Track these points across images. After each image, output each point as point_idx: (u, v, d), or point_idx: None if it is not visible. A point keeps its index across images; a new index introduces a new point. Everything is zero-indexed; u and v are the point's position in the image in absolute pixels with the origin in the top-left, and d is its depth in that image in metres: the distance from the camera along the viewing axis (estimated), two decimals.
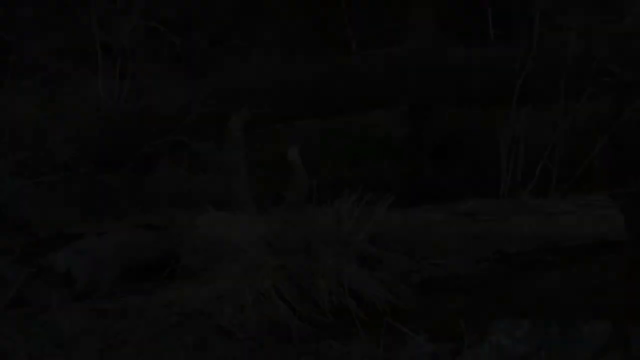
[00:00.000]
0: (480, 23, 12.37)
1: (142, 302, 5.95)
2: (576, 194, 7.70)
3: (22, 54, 11.37)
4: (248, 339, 5.32)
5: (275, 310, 5.77)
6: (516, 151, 8.78)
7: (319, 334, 5.68)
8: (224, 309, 5.74)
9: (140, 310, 5.85)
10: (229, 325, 5.52)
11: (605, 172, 9.36)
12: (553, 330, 6.15)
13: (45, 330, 5.57)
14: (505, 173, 8.46)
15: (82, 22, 11.90)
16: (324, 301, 5.93)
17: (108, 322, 5.69)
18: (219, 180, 8.90)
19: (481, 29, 10.94)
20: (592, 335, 5.93)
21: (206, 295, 5.90)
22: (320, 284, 6.00)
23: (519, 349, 5.86)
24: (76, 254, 6.36)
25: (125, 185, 8.95)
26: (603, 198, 7.62)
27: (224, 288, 5.97)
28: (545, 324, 6.23)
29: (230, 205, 7.13)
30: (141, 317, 5.74)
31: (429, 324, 5.92)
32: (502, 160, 8.71)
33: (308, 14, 18.01)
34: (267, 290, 5.89)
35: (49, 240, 6.68)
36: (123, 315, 5.80)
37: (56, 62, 11.77)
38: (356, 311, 5.94)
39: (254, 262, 6.24)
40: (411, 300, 6.34)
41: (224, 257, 6.34)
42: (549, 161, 8.33)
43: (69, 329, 5.52)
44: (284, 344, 5.46)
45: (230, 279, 6.08)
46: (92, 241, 6.62)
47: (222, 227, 6.66)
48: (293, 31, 17.03)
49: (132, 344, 5.27)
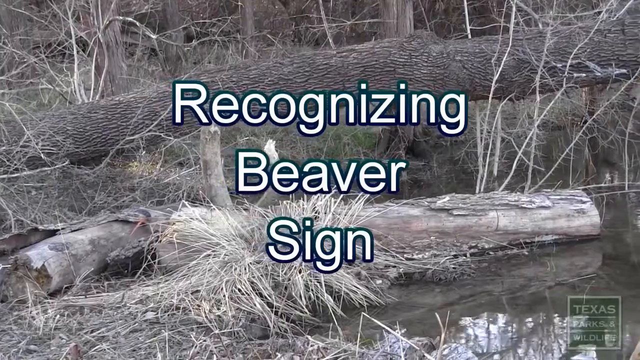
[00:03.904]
0: (457, 18, 12.39)
1: (118, 298, 5.93)
2: (552, 189, 7.74)
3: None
4: (225, 334, 5.31)
5: (252, 306, 5.77)
6: (492, 146, 8.83)
7: (296, 329, 5.68)
8: (201, 304, 5.73)
9: (116, 306, 5.84)
10: (206, 320, 5.51)
11: (580, 167, 9.43)
12: (528, 324, 6.20)
13: (20, 327, 5.54)
14: (481, 168, 8.50)
15: (58, 17, 11.86)
16: (300, 296, 5.93)
17: (84, 318, 5.67)
18: (195, 176, 8.89)
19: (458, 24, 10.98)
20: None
21: (183, 291, 5.89)
22: (297, 279, 6.01)
23: (495, 343, 5.90)
24: (51, 249, 6.32)
25: (100, 180, 8.92)
26: (578, 193, 7.67)
27: (201, 283, 5.96)
28: (520, 318, 6.29)
29: (207, 201, 7.11)
30: (117, 313, 5.73)
31: (405, 319, 5.95)
32: (479, 155, 8.76)
33: (285, 8, 17.98)
34: (244, 286, 5.88)
35: (24, 236, 6.63)
36: (99, 311, 5.78)
37: (32, 57, 11.71)
38: (333, 306, 5.95)
39: (231, 257, 6.24)
40: (388, 295, 6.35)
41: (200, 253, 6.33)
42: (525, 156, 8.37)
43: (45, 325, 5.50)
44: (261, 338, 5.47)
45: (207, 274, 6.07)
46: (68, 237, 6.58)
47: (199, 222, 6.64)
48: (269, 26, 17.02)
49: (109, 340, 5.25)
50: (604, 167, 10.71)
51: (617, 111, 10.08)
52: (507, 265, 7.05)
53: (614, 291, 6.41)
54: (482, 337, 5.99)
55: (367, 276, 6.50)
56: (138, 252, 6.73)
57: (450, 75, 9.03)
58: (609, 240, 7.58)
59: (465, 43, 9.39)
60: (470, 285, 6.67)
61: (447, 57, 9.06)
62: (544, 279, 6.77)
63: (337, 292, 6.10)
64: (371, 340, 5.16)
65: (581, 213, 7.44)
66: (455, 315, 6.04)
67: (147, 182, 8.99)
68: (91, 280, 6.51)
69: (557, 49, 8.77)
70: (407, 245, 7.09)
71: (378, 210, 7.20)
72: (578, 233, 7.43)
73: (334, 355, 4.80)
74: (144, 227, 7.01)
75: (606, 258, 7.33)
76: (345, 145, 11.31)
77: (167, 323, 5.52)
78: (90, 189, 8.80)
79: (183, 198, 7.89)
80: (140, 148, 9.19)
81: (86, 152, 9.32)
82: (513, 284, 6.72)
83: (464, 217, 7.26)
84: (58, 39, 11.92)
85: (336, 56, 9.37)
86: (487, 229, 7.27)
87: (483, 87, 8.96)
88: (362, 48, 9.46)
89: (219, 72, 9.53)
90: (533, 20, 9.77)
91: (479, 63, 9.01)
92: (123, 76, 10.88)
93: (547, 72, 8.53)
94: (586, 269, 6.96)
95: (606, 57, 8.73)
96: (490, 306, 6.41)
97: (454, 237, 7.23)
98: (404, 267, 6.79)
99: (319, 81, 9.28)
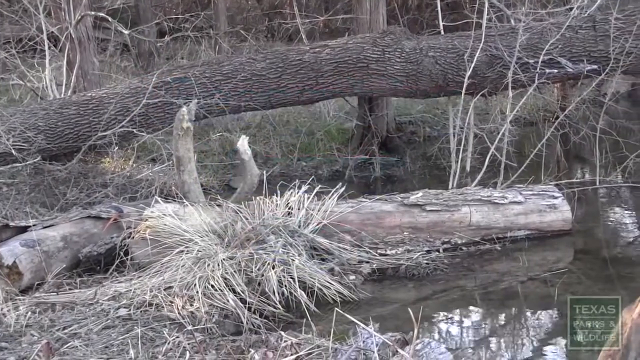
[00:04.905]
0: (430, 14, 12.39)
1: (90, 295, 5.89)
2: (524, 184, 7.78)
3: None
4: (198, 331, 5.29)
5: (226, 302, 5.75)
6: (465, 142, 8.86)
7: (269, 325, 5.68)
8: (174, 300, 5.72)
9: (88, 303, 5.80)
10: (179, 316, 5.50)
11: (552, 163, 9.49)
12: (501, 318, 6.23)
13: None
14: (454, 164, 8.53)
15: (30, 12, 11.77)
16: (274, 292, 5.93)
17: (56, 315, 5.64)
18: (168, 172, 8.85)
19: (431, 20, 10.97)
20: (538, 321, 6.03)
21: (156, 287, 5.87)
22: (270, 275, 6.00)
23: (468, 338, 5.92)
24: (23, 246, 6.28)
25: (73, 176, 8.87)
26: (550, 188, 7.72)
27: (174, 280, 5.95)
28: (493, 312, 6.32)
29: (180, 197, 7.09)
30: (90, 309, 5.69)
31: (378, 314, 5.96)
32: (452, 151, 8.78)
33: (258, 4, 17.93)
34: (217, 282, 5.87)
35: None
36: (71, 308, 5.75)
37: (3, 52, 11.62)
38: (306, 302, 5.95)
39: (204, 253, 6.22)
40: (361, 290, 6.36)
41: (173, 249, 6.31)
42: (497, 152, 8.41)
43: (16, 322, 5.46)
44: (234, 334, 5.46)
45: (180, 270, 6.05)
46: (39, 233, 6.54)
47: (172, 218, 6.62)
48: (243, 22, 16.97)
49: (81, 337, 5.22)
50: (576, 163, 10.78)
51: (589, 107, 10.14)
52: (479, 260, 7.08)
53: (585, 286, 6.47)
54: (455, 332, 6.01)
55: (341, 272, 6.51)
56: (110, 248, 6.70)
57: (423, 71, 9.04)
58: (581, 235, 7.63)
59: (438, 39, 9.40)
60: (443, 280, 6.70)
61: (420, 53, 9.07)
62: (517, 274, 6.81)
63: (310, 288, 6.11)
64: (344, 335, 5.16)
65: (553, 208, 7.49)
66: (428, 310, 6.06)
67: (119, 178, 8.96)
68: (63, 277, 6.48)
69: (529, 45, 8.80)
70: (381, 240, 7.10)
71: (351, 206, 7.21)
72: (550, 228, 7.47)
73: (307, 351, 4.80)
74: (116, 224, 6.98)
75: (578, 253, 7.38)
76: (319, 141, 11.31)
77: (140, 319, 5.49)
78: (62, 185, 8.75)
79: (156, 194, 7.86)
80: (112, 144, 9.15)
81: (58, 148, 9.26)
82: (486, 279, 6.76)
83: (437, 212, 7.28)
84: (29, 34, 11.83)
85: (309, 52, 9.36)
86: (459, 224, 7.30)
87: (456, 82, 8.97)
88: (335, 44, 9.45)
89: (191, 68, 9.50)
90: (505, 16, 9.80)
91: (451, 59, 9.03)
92: (95, 72, 10.81)
93: (519, 68, 8.57)
94: (558, 263, 7.00)
95: (577, 53, 8.77)
96: (463, 301, 6.44)
97: (427, 232, 7.25)
98: (377, 263, 6.80)
99: (292, 77, 9.26)
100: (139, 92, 9.22)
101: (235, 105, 9.36)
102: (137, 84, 9.41)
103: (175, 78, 9.27)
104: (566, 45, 8.76)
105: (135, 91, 9.30)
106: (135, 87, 9.37)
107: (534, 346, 5.63)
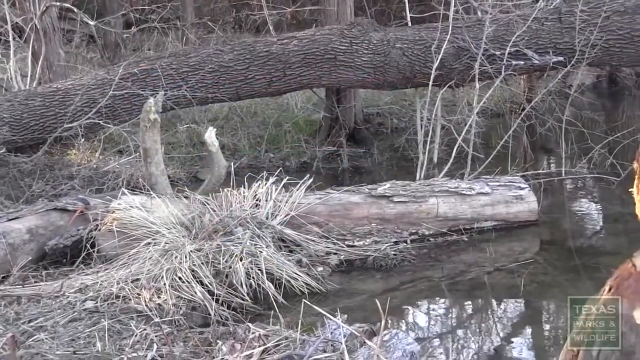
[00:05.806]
0: (398, 5, 12.38)
1: (56, 287, 5.86)
2: (491, 176, 7.83)
3: None
4: (165, 323, 5.27)
5: (193, 294, 5.74)
6: (432, 133, 8.90)
7: (237, 317, 5.67)
8: (141, 292, 5.69)
9: (55, 296, 5.76)
10: (146, 309, 5.47)
11: (519, 154, 9.55)
12: (468, 309, 6.27)
13: None
14: (421, 155, 8.56)
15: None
16: (241, 284, 5.92)
17: (21, 308, 5.59)
18: (135, 163, 8.81)
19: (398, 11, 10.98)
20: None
21: (123, 279, 5.84)
22: (238, 267, 5.99)
23: (435, 328, 5.95)
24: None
25: (38, 168, 8.80)
26: (516, 179, 7.77)
27: (141, 272, 5.92)
28: (460, 303, 6.36)
29: (147, 189, 7.06)
30: (56, 302, 5.66)
31: (346, 305, 5.97)
32: (419, 143, 8.81)
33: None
34: (184, 274, 5.85)
35: None
36: (37, 301, 5.70)
37: None
38: (274, 293, 5.95)
39: (171, 245, 6.20)
40: (329, 282, 6.37)
41: (140, 241, 6.28)
42: (465, 143, 8.44)
43: None
44: (202, 326, 5.45)
45: (147, 262, 6.03)
46: (5, 226, 6.49)
47: (139, 210, 6.59)
48: (210, 13, 16.90)
49: (47, 330, 5.19)
50: (542, 154, 10.86)
51: (555, 98, 10.22)
52: (447, 251, 7.11)
53: (551, 276, 6.52)
54: (423, 323, 6.04)
55: (308, 263, 6.52)
56: (77, 240, 6.66)
57: (391, 62, 9.06)
58: (547, 225, 7.68)
59: (405, 31, 9.42)
60: (410, 271, 6.72)
61: (388, 44, 9.09)
62: (483, 264, 6.85)
63: (278, 280, 6.10)
64: (312, 327, 5.16)
65: (519, 199, 7.53)
66: (396, 301, 6.08)
67: (86, 170, 8.90)
68: (29, 269, 6.42)
69: (496, 36, 8.84)
70: (348, 232, 7.11)
71: (319, 197, 7.21)
72: (516, 219, 7.52)
73: (275, 343, 4.80)
74: (83, 216, 6.94)
75: (544, 243, 7.43)
76: (287, 133, 11.31)
77: (107, 312, 5.46)
78: (28, 177, 8.68)
79: (123, 186, 7.81)
80: (79, 136, 9.09)
81: (23, 139, 9.19)
82: (453, 270, 6.79)
83: (405, 203, 7.30)
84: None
85: (277, 43, 9.35)
86: (427, 215, 7.32)
87: (423, 74, 9.00)
88: (303, 35, 9.44)
89: (158, 59, 9.45)
90: (472, 8, 9.85)
91: (419, 50, 9.05)
92: (61, 63, 10.73)
93: (486, 59, 8.61)
94: (524, 254, 7.05)
95: (544, 45, 8.82)
96: (430, 292, 6.47)
97: (394, 223, 7.27)
98: (345, 254, 6.81)
99: (259, 69, 9.25)
100: (105, 84, 9.16)
101: (203, 97, 9.33)
102: (104, 76, 9.35)
103: (142, 69, 9.23)
104: (532, 37, 8.81)
105: (102, 82, 9.24)
106: (101, 79, 9.32)
107: (500, 336, 5.67)
